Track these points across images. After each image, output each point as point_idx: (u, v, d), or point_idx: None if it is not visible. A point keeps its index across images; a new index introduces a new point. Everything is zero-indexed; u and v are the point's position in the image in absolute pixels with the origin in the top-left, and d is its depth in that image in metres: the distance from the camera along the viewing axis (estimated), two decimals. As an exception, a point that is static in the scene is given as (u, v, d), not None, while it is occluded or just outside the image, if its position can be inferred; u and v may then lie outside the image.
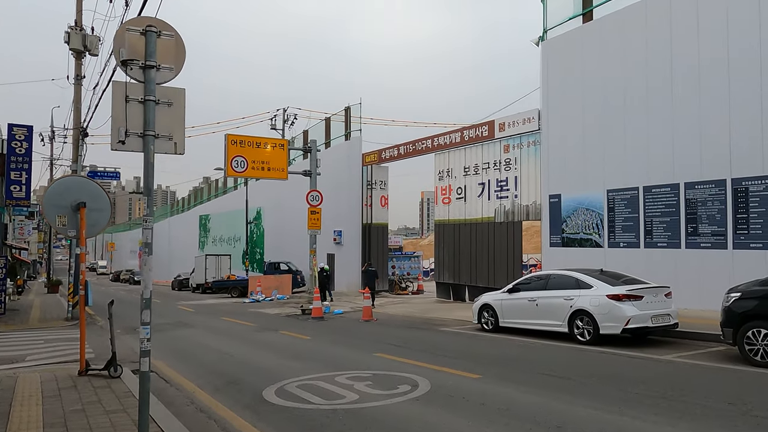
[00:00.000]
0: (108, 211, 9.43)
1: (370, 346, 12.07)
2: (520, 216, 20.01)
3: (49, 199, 8.87)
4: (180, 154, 5.17)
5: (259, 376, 9.08)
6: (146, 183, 5.03)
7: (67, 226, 8.94)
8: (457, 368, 9.13)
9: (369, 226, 28.92)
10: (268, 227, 41.28)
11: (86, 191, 9.19)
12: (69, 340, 14.45)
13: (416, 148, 25.36)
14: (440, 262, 23.94)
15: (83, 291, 8.87)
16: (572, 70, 17.08)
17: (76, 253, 20.53)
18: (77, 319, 20.06)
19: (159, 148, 5.05)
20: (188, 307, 25.52)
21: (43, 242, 68.13)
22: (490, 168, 21.30)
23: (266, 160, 27.28)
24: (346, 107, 30.77)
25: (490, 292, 14.58)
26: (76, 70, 20.86)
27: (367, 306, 17.43)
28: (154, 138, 5.01)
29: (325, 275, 24.47)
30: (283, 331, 15.15)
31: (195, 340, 14.21)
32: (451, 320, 16.66)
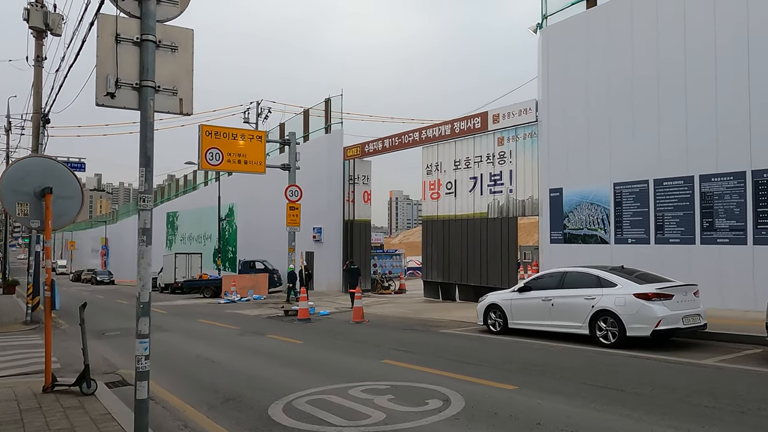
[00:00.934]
0: (79, 199, 8.06)
1: (373, 351, 10.95)
2: (515, 211, 19.15)
3: (7, 183, 7.47)
4: (186, 115, 3.98)
5: (258, 389, 7.86)
6: (144, 149, 3.83)
7: (29, 216, 7.55)
8: (484, 377, 8.09)
9: (351, 222, 27.74)
10: (241, 224, 39.63)
11: (52, 175, 7.81)
12: (29, 347, 12.90)
13: (402, 141, 24.31)
14: (428, 260, 22.94)
15: (49, 292, 7.49)
16: (575, 57, 16.27)
17: (36, 250, 18.81)
18: (37, 323, 18.35)
19: (160, 105, 3.85)
20: (159, 308, 23.87)
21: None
22: (482, 161, 20.38)
23: (243, 152, 25.86)
24: (326, 99, 29.52)
25: (497, 292, 13.63)
26: (37, 50, 19.11)
27: (358, 307, 16.28)
28: (154, 91, 3.79)
29: (307, 274, 23.20)
30: (271, 335, 13.89)
31: (174, 346, 12.83)
32: (449, 321, 15.65)
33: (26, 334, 15.86)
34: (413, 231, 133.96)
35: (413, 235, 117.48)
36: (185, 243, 48.48)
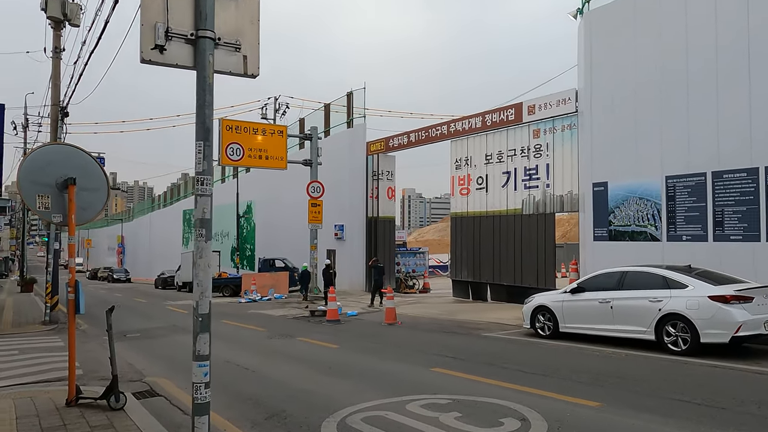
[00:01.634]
0: (104, 191, 7.30)
1: (418, 357, 10.10)
2: (552, 207, 18.18)
3: (26, 173, 6.71)
4: (252, 77, 3.16)
5: (303, 402, 7.04)
6: (201, 118, 3.02)
7: (50, 210, 6.79)
8: (556, 390, 7.21)
9: (375, 219, 26.89)
10: (259, 222, 38.96)
11: (75, 164, 7.06)
12: (48, 350, 12.23)
13: (429, 135, 23.40)
14: (457, 259, 22.03)
15: (73, 294, 6.73)
16: (621, 41, 15.26)
17: (55, 248, 18.19)
18: (56, 323, 17.74)
19: (219, 64, 3.02)
20: (179, 307, 23.24)
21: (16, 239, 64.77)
22: (516, 155, 19.43)
23: (263, 147, 25.14)
24: (348, 92, 28.69)
25: (545, 293, 12.74)
26: (55, 41, 18.47)
27: (390, 308, 15.44)
28: (214, 44, 2.96)
29: (332, 272, 22.40)
30: (302, 338, 13.09)
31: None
32: (487, 323, 14.77)
33: (45, 335, 15.24)
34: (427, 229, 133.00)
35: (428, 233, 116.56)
36: (202, 241, 48.00)
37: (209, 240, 3.31)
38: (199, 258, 3.31)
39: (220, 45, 3.11)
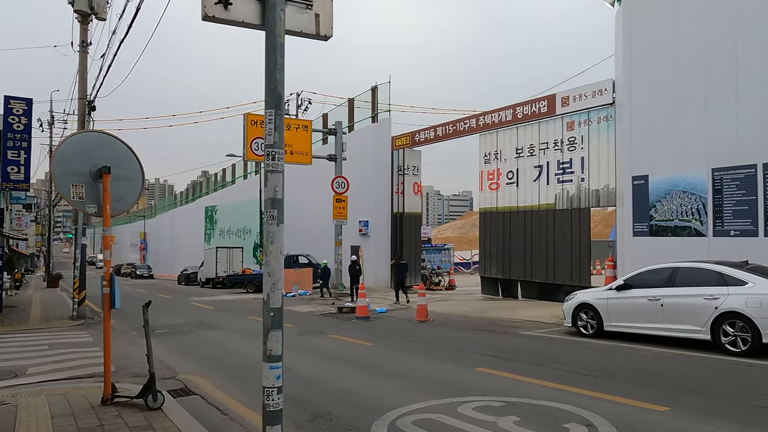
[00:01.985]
0: (139, 181, 7.01)
1: (458, 356, 9.68)
2: (587, 202, 17.60)
3: (60, 161, 6.44)
4: (324, 39, 2.79)
5: (348, 403, 6.68)
6: (271, 83, 2.65)
7: (84, 200, 6.51)
8: (616, 393, 6.76)
9: (400, 215, 26.47)
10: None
11: (110, 152, 6.77)
12: (78, 346, 12.05)
13: (457, 129, 22.90)
14: (486, 255, 21.53)
15: (108, 288, 6.44)
16: (663, 28, 14.63)
17: (82, 243, 18.09)
18: (83, 318, 17.66)
19: (291, 22, 2.65)
20: (203, 303, 23.11)
21: (42, 235, 65.67)
22: (549, 148, 18.87)
23: (289, 142, 24.82)
24: (372, 87, 28.28)
25: (588, 290, 12.23)
26: (81, 35, 18.36)
27: (422, 305, 15.03)
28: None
29: (357, 269, 22.05)
30: (333, 335, 12.76)
31: (230, 346, 11.80)
32: (522, 321, 14.29)
33: (74, 330, 15.13)
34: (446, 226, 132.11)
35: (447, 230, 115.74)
36: (224, 237, 48.02)
37: (281, 223, 2.95)
38: (270, 243, 2.94)
39: (290, 0, 2.75)
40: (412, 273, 25.85)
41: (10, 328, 15.31)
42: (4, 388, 8.16)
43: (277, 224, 2.96)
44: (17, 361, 10.23)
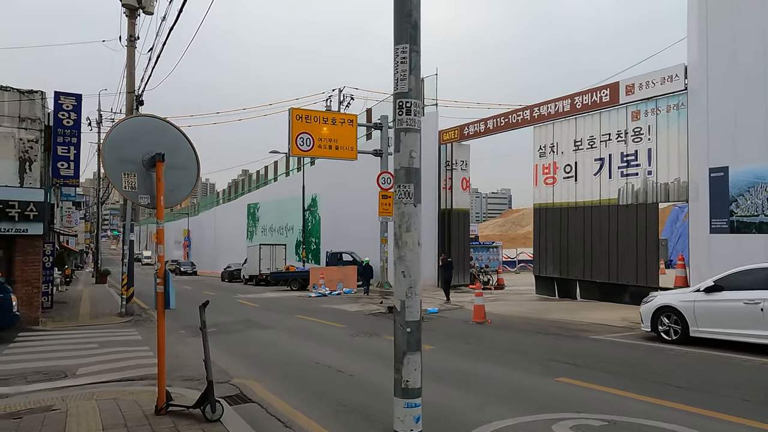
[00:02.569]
0: (194, 170, 6.46)
1: (531, 363, 8.85)
2: (655, 196, 16.41)
3: (111, 148, 5.92)
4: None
5: (429, 418, 5.92)
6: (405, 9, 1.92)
7: (137, 190, 5.98)
8: (731, 412, 5.85)
9: (448, 211, 25.61)
10: (324, 215, 38.41)
11: (163, 139, 6.24)
12: (127, 344, 11.72)
13: (509, 122, 21.91)
14: (541, 253, 20.51)
15: (162, 286, 5.89)
16: (747, 6, 13.38)
17: (130, 239, 17.94)
18: (131, 315, 17.50)
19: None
20: (249, 301, 22.80)
21: (90, 232, 67.37)
22: (611, 140, 17.72)
23: (334, 137, 24.38)
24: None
25: (670, 292, 11.21)
26: (129, 29, 18.21)
27: (479, 305, 14.21)
28: None
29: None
30: (389, 336, 12.06)
31: (285, 348, 11.24)
32: (590, 324, 13.30)
33: (123, 327, 14.90)
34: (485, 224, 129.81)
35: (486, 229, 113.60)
36: (266, 234, 48.05)
37: (419, 203, 2.24)
38: (405, 231, 2.22)
39: None
40: (461, 272, 25.02)
41: (61, 324, 15.20)
42: (54, 389, 7.78)
43: (414, 203, 2.24)
44: (67, 360, 9.92)
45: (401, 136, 2.17)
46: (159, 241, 6.06)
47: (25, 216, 14.19)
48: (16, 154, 17.31)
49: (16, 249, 14.42)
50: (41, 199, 14.59)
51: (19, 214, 14.08)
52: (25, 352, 10.87)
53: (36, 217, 14.36)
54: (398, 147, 2.19)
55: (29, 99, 17.59)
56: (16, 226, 14.09)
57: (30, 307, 14.45)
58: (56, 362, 9.73)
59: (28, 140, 17.43)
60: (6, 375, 8.77)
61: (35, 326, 14.38)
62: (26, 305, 14.28)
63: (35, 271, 14.64)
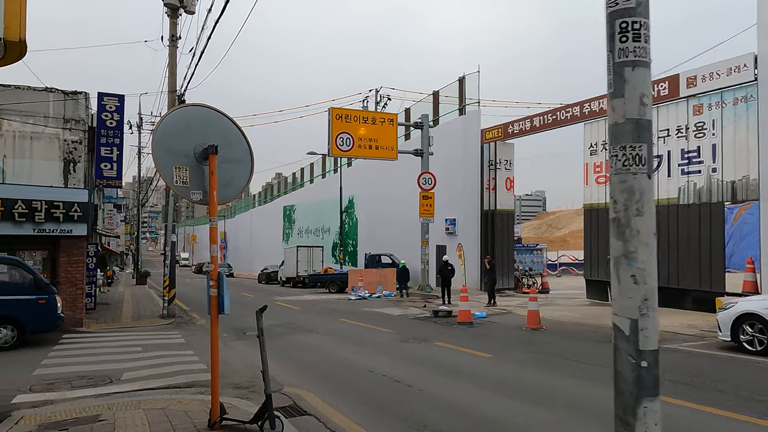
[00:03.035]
0: (248, 164, 5.99)
1: (604, 375, 8.10)
2: (720, 195, 15.37)
3: (161, 140, 5.49)
4: None
5: (502, 439, 5.34)
6: None
7: (188, 185, 5.54)
8: None
9: (492, 213, 24.81)
10: (361, 217, 38.00)
11: (216, 130, 5.80)
12: (171, 348, 11.40)
13: (557, 119, 21.04)
14: (592, 256, 19.58)
15: (216, 289, 5.43)
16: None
17: (172, 240, 17.76)
18: (173, 317, 17.31)
19: None
20: (288, 303, 22.47)
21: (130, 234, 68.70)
22: (670, 136, 16.73)
23: (374, 137, 23.90)
24: (460, 77, 26.81)
25: (752, 298, 10.32)
26: (171, 29, 18.08)
27: (533, 310, 13.47)
28: None
29: (449, 269, 20.66)
30: (440, 342, 11.45)
31: (333, 354, 10.73)
32: (654, 332, 12.40)
33: (165, 330, 14.68)
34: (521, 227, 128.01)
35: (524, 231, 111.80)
36: (302, 236, 47.95)
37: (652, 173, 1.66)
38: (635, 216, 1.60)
39: None
40: (505, 275, 24.20)
41: (104, 326, 15.08)
42: (100, 396, 7.43)
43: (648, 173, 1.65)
44: (112, 364, 9.62)
45: (626, 72, 1.58)
46: (212, 240, 5.60)
47: (70, 217, 14.08)
48: (61, 155, 17.34)
49: (61, 250, 14.33)
50: (85, 200, 14.48)
51: (63, 214, 13.98)
52: (70, 355, 10.65)
53: (80, 217, 14.25)
54: (620, 90, 1.60)
55: (73, 100, 17.61)
56: (61, 226, 13.99)
57: (74, 309, 14.34)
58: (101, 366, 9.44)
59: (72, 141, 17.45)
60: (51, 379, 8.50)
61: (79, 327, 14.26)
62: (70, 306, 14.17)
63: (79, 272, 14.54)
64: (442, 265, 20.84)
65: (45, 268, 14.45)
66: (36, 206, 13.58)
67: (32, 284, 11.62)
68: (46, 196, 13.85)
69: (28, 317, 11.47)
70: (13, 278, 11.88)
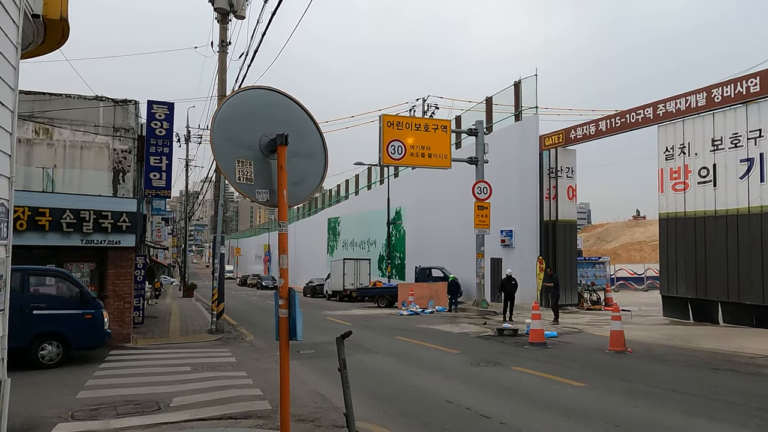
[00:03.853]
0: (322, 159, 5.00)
1: (739, 415, 6.74)
2: (827, 202, 13.64)
3: (222, 127, 4.55)
4: None
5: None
6: None
7: (253, 183, 4.57)
8: None
9: (553, 223, 23.32)
10: (409, 228, 36.93)
11: (284, 118, 4.82)
12: (221, 368, 10.53)
13: (626, 121, 19.54)
14: (670, 270, 17.90)
15: (286, 309, 4.42)
16: None
17: (221, 252, 17.08)
18: (221, 332, 16.56)
19: None
20: (338, 318, 21.52)
21: (177, 247, 69.49)
22: (763, 137, 15.08)
23: (427, 144, 22.87)
24: (515, 82, 25.55)
25: None
26: (221, 34, 17.58)
27: (618, 330, 12.05)
28: None
29: (513, 284, 19.32)
30: (515, 367, 10.21)
31: (398, 378, 9.64)
32: (763, 357, 10.84)
33: (214, 346, 13.89)
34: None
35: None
36: (347, 249, 47.18)
37: None
38: None
39: None
40: (568, 290, 22.65)
41: (152, 342, 14.42)
42: (147, 427, 6.55)
43: None
44: (160, 387, 8.79)
45: None
46: (282, 249, 4.61)
47: (118, 227, 13.50)
48: (110, 164, 16.96)
49: (109, 262, 13.76)
50: (134, 210, 13.91)
51: (111, 225, 13.41)
52: (116, 375, 9.90)
53: (128, 228, 13.66)
54: None
55: (123, 108, 17.25)
56: (109, 237, 13.42)
57: (122, 323, 13.71)
58: (148, 389, 8.61)
59: (121, 150, 17.06)
60: (96, 404, 7.70)
61: (126, 343, 13.62)
62: (118, 321, 13.55)
63: (127, 285, 13.93)
64: (504, 280, 19.47)
65: (92, 280, 13.90)
66: (84, 216, 13.04)
67: (78, 298, 11.00)
68: (94, 205, 13.31)
69: (74, 333, 10.82)
70: (60, 291, 11.31)
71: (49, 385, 9.13)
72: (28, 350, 10.44)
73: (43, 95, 16.42)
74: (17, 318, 10.41)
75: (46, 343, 10.60)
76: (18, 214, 12.42)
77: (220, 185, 17.27)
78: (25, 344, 10.38)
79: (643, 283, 41.44)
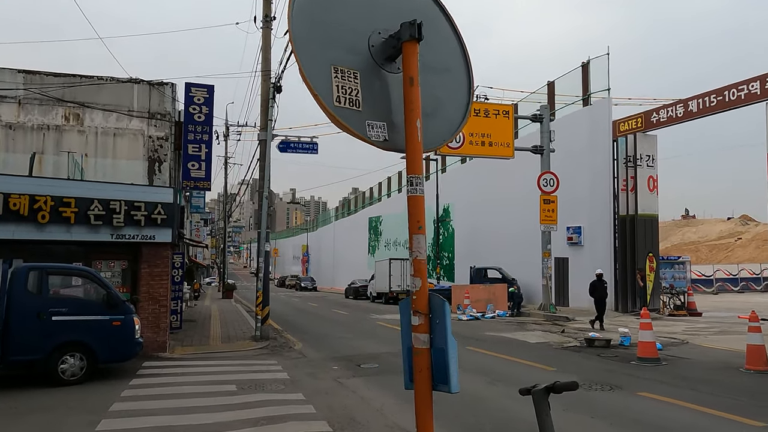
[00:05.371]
0: (464, 76, 2.97)
1: None
2: None
3: (305, 13, 2.57)
4: None
5: None
6: None
7: (361, 110, 2.58)
8: None
9: (632, 218, 20.83)
10: (458, 227, 34.74)
11: (403, 8, 2.81)
12: (273, 388, 8.63)
13: (724, 99, 16.99)
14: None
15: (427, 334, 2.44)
16: None
17: (266, 250, 15.31)
18: (266, 339, 14.79)
19: None
20: (390, 323, 19.56)
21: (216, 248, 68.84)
22: None
23: (487, 132, 20.67)
24: (583, 63, 23.16)
25: None
26: (265, 9, 15.89)
27: (758, 345, 9.69)
28: None
29: (604, 287, 16.97)
30: (643, 393, 8.02)
31: (491, 404, 7.58)
32: None
33: (260, 357, 12.08)
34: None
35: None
36: (389, 249, 45.25)
37: None
38: None
39: None
40: (651, 292, 20.14)
41: (191, 350, 12.71)
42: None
43: None
44: (201, 414, 6.96)
45: None
46: (413, 228, 2.65)
47: (152, 220, 11.84)
48: (145, 153, 15.39)
49: (142, 260, 12.10)
50: (170, 200, 12.23)
51: (145, 217, 11.76)
52: (149, 396, 8.12)
53: (164, 221, 11.98)
54: None
55: (159, 91, 15.67)
56: (142, 231, 11.76)
57: (157, 330, 12.03)
58: (187, 418, 6.78)
59: (158, 138, 15.47)
60: (119, 441, 5.89)
61: (162, 353, 11.94)
62: (152, 327, 11.87)
63: (163, 287, 12.23)
64: (594, 282, 16.99)
65: (124, 281, 12.28)
66: (114, 207, 11.41)
67: (105, 301, 9.29)
68: (125, 195, 11.67)
69: (100, 343, 9.12)
70: (86, 293, 9.64)
71: (66, 409, 7.41)
72: (47, 363, 8.77)
73: (73, 77, 14.96)
74: (33, 325, 8.79)
75: (67, 355, 8.92)
76: (39, 204, 10.86)
77: (265, 174, 15.49)
78: (43, 356, 8.72)
79: (738, 284, 39.12)
